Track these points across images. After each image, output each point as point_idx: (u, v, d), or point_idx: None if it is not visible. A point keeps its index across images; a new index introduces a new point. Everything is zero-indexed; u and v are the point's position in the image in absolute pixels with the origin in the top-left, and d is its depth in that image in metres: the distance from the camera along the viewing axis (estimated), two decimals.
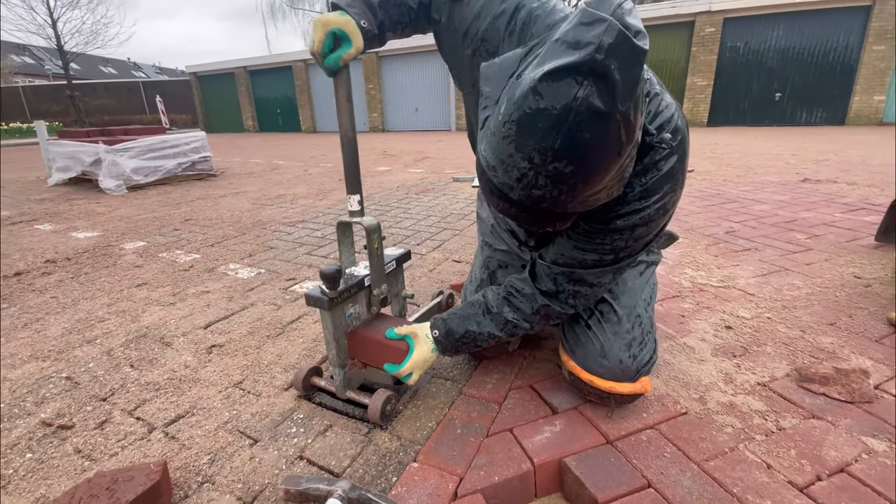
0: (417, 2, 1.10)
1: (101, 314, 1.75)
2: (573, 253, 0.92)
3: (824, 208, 2.91)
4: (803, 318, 1.49)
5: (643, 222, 0.85)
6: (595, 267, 0.92)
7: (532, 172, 0.63)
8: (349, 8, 1.03)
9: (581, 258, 0.92)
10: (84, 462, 1.01)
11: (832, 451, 0.93)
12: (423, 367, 1.08)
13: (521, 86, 0.62)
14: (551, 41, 0.62)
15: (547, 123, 0.59)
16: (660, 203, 0.83)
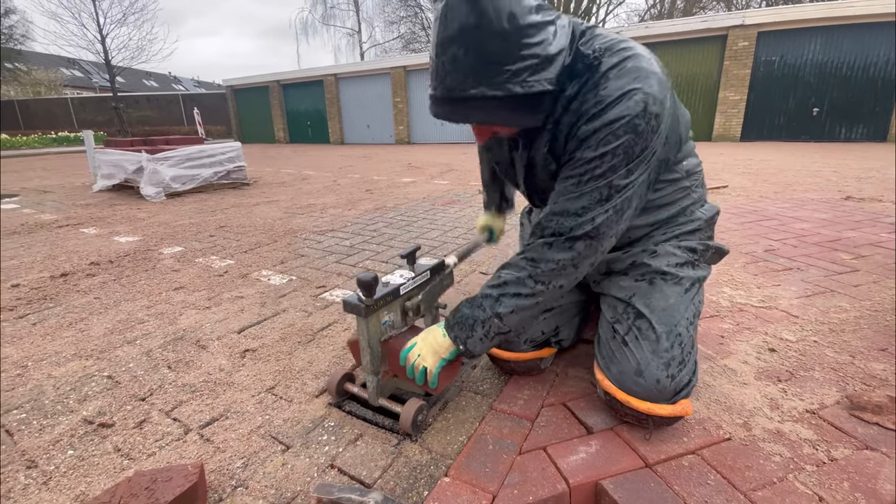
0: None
1: (141, 316, 1.81)
2: (566, 205, 0.94)
3: (869, 227, 2.78)
4: (852, 342, 1.41)
5: (605, 144, 0.86)
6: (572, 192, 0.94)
7: (434, 64, 0.83)
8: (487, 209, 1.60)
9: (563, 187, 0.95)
10: (123, 461, 1.03)
11: (888, 485, 0.87)
12: (435, 352, 1.04)
13: None
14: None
15: (436, 22, 0.81)
16: (614, 124, 0.85)
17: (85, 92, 34.97)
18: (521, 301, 0.99)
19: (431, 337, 1.06)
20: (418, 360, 1.04)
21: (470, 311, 1.02)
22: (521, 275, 0.98)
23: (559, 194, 0.95)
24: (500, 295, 1.00)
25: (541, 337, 1.23)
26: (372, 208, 4.01)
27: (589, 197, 0.90)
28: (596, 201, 0.90)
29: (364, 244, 2.81)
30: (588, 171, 0.88)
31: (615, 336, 1.07)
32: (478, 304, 1.02)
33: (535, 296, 0.98)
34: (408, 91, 15.92)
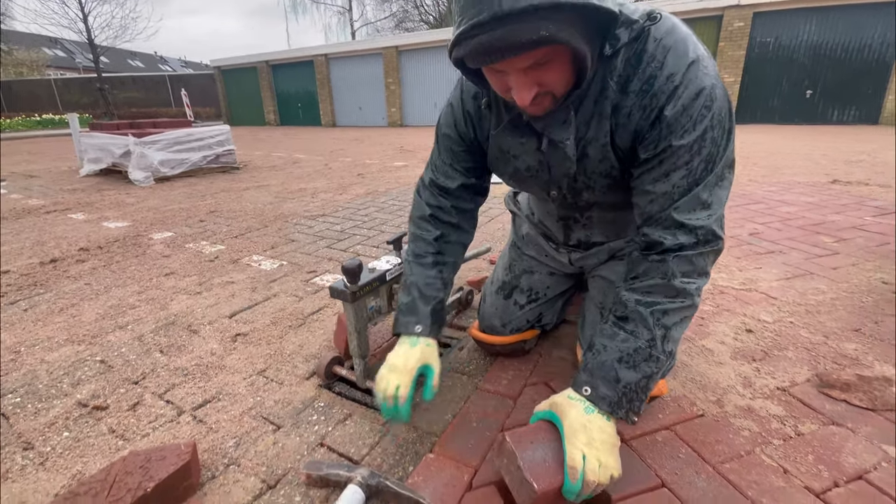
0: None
1: (132, 301, 1.82)
2: (690, 203, 0.78)
3: (854, 211, 2.83)
4: (827, 323, 1.46)
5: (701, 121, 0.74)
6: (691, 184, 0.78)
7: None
8: (410, 327, 0.99)
9: (672, 186, 0.78)
10: (118, 441, 1.06)
11: (851, 458, 0.92)
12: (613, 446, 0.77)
13: None
14: None
15: None
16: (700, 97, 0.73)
17: (68, 72, 34.09)
18: (686, 324, 0.84)
19: (597, 435, 0.76)
20: (602, 474, 0.74)
21: (636, 373, 0.79)
22: (684, 300, 0.80)
23: (664, 195, 0.79)
24: (667, 329, 0.80)
25: (525, 325, 1.27)
26: (363, 193, 4.01)
27: (706, 183, 0.77)
28: (714, 184, 0.78)
29: (355, 229, 2.82)
30: (694, 156, 0.76)
31: (598, 318, 1.10)
32: (645, 358, 0.79)
33: (695, 308, 0.84)
34: (400, 72, 15.69)
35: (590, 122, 0.82)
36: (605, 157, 0.84)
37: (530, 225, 1.26)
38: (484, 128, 0.97)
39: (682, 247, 0.79)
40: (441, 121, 1.04)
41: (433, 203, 1.06)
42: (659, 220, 0.81)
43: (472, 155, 1.03)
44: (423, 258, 1.05)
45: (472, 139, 1.00)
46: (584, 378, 0.81)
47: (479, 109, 0.96)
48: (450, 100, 1.02)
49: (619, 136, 0.81)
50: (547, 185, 0.97)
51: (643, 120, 0.77)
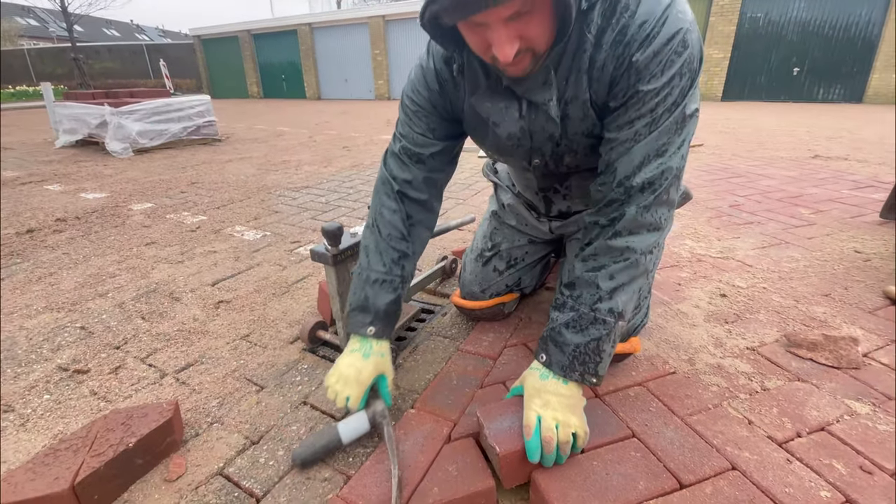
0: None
1: (112, 270, 1.80)
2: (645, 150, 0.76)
3: (832, 185, 2.89)
4: (798, 288, 1.51)
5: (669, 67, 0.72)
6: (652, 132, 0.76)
7: None
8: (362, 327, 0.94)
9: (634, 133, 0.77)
10: (100, 403, 1.06)
11: (814, 412, 0.97)
12: (574, 406, 0.81)
13: None
14: None
15: None
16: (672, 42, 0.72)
17: (42, 42, 32.50)
18: (637, 283, 0.83)
19: (552, 397, 0.80)
20: (562, 432, 0.77)
21: (584, 336, 0.80)
22: (628, 258, 0.80)
23: (625, 143, 0.77)
24: (612, 291, 0.80)
25: (504, 290, 1.29)
26: (349, 165, 3.96)
27: (667, 131, 0.75)
28: (674, 132, 0.76)
29: (340, 201, 2.80)
30: (659, 104, 0.74)
31: None
32: (590, 321, 0.80)
33: (647, 269, 0.84)
34: (387, 43, 15.28)
35: (568, 79, 0.80)
36: (586, 114, 0.82)
37: (511, 195, 1.27)
38: (459, 95, 0.92)
39: (636, 205, 0.78)
40: (409, 87, 0.96)
41: (402, 176, 0.97)
42: (615, 181, 0.80)
43: (445, 121, 0.96)
44: (387, 244, 0.96)
45: (446, 106, 0.94)
46: (541, 346, 0.86)
47: (451, 76, 0.90)
48: (419, 63, 0.94)
49: (594, 90, 0.79)
50: (529, 153, 0.94)
51: (616, 70, 0.75)
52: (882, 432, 0.91)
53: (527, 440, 0.77)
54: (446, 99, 0.93)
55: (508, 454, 0.78)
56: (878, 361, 1.13)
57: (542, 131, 0.88)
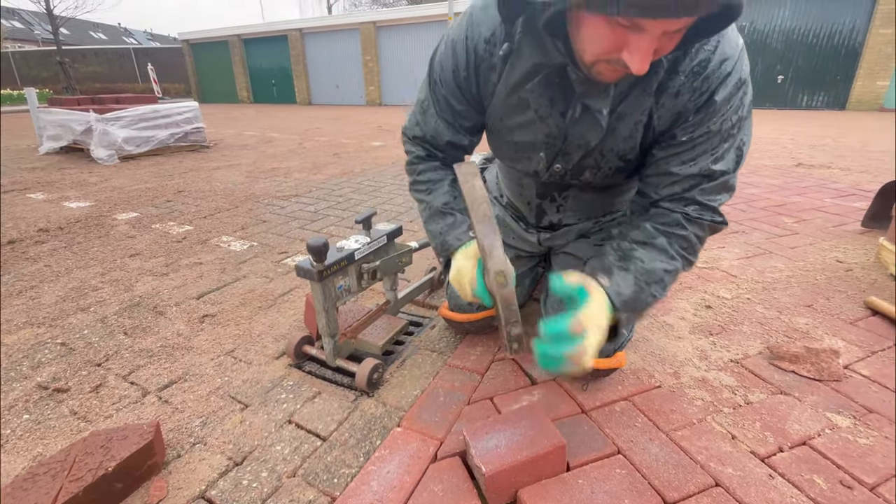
0: None
1: (95, 283, 1.77)
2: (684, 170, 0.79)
3: (815, 193, 2.94)
4: (782, 299, 1.53)
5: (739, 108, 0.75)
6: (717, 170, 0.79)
7: None
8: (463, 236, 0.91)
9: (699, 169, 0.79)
10: (80, 423, 1.04)
11: (796, 425, 0.98)
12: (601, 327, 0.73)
13: None
14: None
15: None
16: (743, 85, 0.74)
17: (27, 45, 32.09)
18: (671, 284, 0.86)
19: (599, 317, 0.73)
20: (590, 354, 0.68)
21: (640, 294, 0.80)
22: (676, 265, 0.83)
23: (690, 179, 0.79)
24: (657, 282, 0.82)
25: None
26: (339, 173, 3.95)
27: (732, 169, 0.80)
28: (735, 170, 0.80)
29: (329, 210, 2.79)
30: (723, 142, 0.77)
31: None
32: (657, 280, 0.82)
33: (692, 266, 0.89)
34: (378, 49, 15.31)
35: (628, 95, 0.77)
36: (632, 135, 0.81)
37: (499, 207, 1.27)
38: (490, 80, 0.84)
39: (701, 192, 0.81)
40: (437, 64, 0.87)
41: (422, 153, 0.99)
42: (683, 199, 0.82)
43: (470, 109, 0.90)
44: (437, 183, 0.97)
45: (474, 92, 0.87)
46: (606, 272, 0.80)
47: (489, 58, 0.81)
48: (451, 37, 0.84)
49: (659, 115, 0.77)
50: (554, 156, 0.90)
51: (691, 102, 0.74)
52: (862, 446, 0.92)
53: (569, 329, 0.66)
54: (477, 84, 0.86)
55: (494, 474, 0.78)
56: (859, 373, 1.15)
57: (580, 137, 0.84)
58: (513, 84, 0.82)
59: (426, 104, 0.92)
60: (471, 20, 0.81)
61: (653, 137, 0.81)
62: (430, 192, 0.97)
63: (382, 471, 0.88)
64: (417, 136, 0.96)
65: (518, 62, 0.79)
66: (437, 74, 0.87)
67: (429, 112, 0.92)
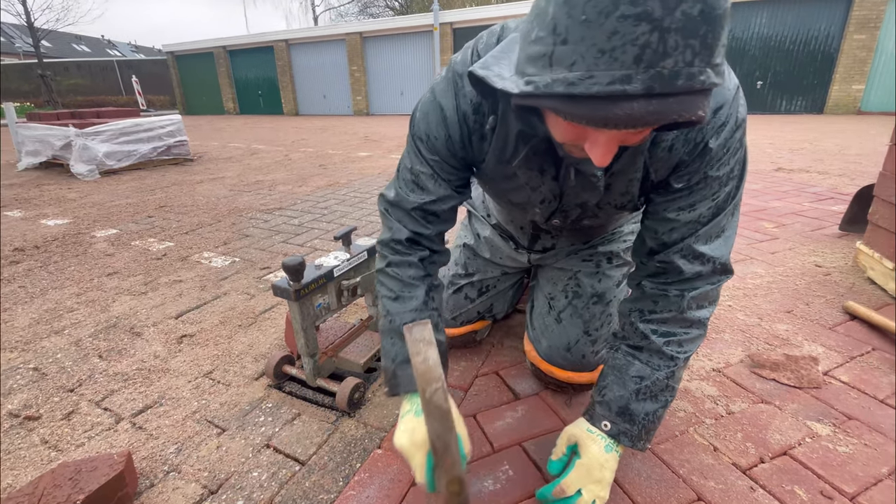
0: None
1: (70, 304, 1.73)
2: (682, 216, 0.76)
3: (794, 197, 2.99)
4: (762, 305, 1.54)
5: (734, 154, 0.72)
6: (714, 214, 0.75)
7: (655, 36, 0.45)
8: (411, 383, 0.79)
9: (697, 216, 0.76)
10: (51, 453, 1.01)
11: (777, 435, 0.98)
12: (597, 476, 0.77)
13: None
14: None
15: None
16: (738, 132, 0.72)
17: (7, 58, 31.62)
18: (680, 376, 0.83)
19: (609, 476, 0.77)
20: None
21: (655, 404, 0.80)
22: (699, 332, 0.81)
23: (688, 224, 0.76)
24: (683, 360, 0.80)
25: (476, 317, 1.28)
26: (324, 185, 3.93)
27: (727, 214, 0.76)
28: (731, 213, 0.77)
29: (314, 223, 2.76)
30: (723, 188, 0.74)
31: (550, 311, 1.10)
32: (662, 388, 0.80)
33: (705, 336, 0.85)
34: (365, 59, 15.36)
35: (619, 156, 0.73)
36: (628, 190, 0.79)
37: (489, 228, 1.22)
38: (483, 148, 0.81)
39: (699, 276, 0.77)
40: (423, 128, 0.81)
41: (413, 228, 0.86)
42: (678, 249, 0.77)
43: (461, 172, 0.85)
44: (409, 290, 0.85)
45: (463, 158, 0.82)
46: (602, 412, 0.80)
47: (479, 129, 0.78)
48: (438, 102, 0.78)
49: (654, 169, 0.75)
50: (551, 213, 0.90)
51: (686, 154, 0.72)
52: (842, 454, 0.93)
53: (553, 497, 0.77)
54: (468, 151, 0.82)
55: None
56: (839, 380, 1.16)
57: (577, 197, 0.83)
58: (501, 156, 0.79)
59: (419, 171, 0.84)
60: (457, 87, 0.76)
61: (651, 187, 0.78)
62: (396, 298, 0.85)
63: (362, 495, 0.86)
64: (417, 206, 0.84)
65: (504, 134, 0.77)
66: (425, 141, 0.82)
67: (423, 179, 0.84)
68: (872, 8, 9.66)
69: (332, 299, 1.21)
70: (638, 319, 0.82)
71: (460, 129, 0.78)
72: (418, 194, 0.84)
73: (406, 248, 0.86)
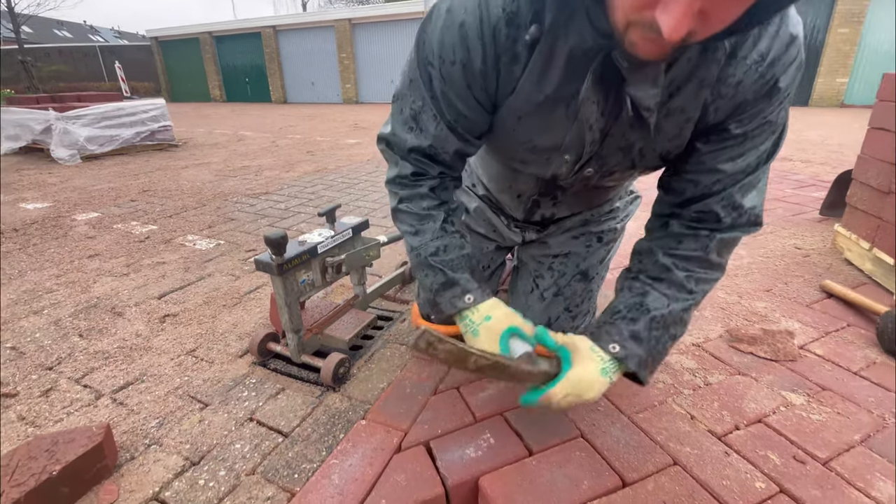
0: None
1: (50, 285, 1.70)
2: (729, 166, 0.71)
3: (777, 184, 3.03)
4: (743, 285, 1.57)
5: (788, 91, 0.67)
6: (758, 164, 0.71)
7: None
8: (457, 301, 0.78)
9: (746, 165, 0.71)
10: (28, 428, 1.00)
11: (752, 404, 1.01)
12: (581, 393, 0.72)
13: None
14: None
15: None
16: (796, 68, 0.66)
17: None
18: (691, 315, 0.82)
19: (590, 395, 0.73)
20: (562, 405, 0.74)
21: (667, 335, 0.78)
22: (717, 275, 0.80)
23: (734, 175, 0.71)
24: (699, 297, 0.80)
25: None
26: (312, 170, 3.89)
27: (767, 166, 0.72)
28: (769, 166, 0.73)
29: (300, 207, 2.74)
30: (771, 134, 0.69)
31: (534, 290, 1.11)
32: (676, 321, 0.78)
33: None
34: (354, 46, 15.15)
35: (681, 87, 0.64)
36: (681, 133, 0.70)
37: (476, 199, 1.14)
38: (513, 75, 0.66)
39: (734, 225, 0.74)
40: (434, 53, 0.66)
41: (409, 170, 0.79)
42: (719, 199, 0.73)
43: (480, 113, 0.72)
44: (425, 221, 0.81)
45: (490, 91, 0.69)
46: (612, 334, 0.75)
47: (512, 45, 0.63)
48: (456, 17, 0.63)
49: (715, 108, 0.67)
50: (585, 159, 0.76)
51: (752, 91, 0.64)
52: (815, 422, 0.95)
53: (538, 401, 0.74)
54: (493, 76, 0.67)
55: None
56: (814, 353, 1.19)
57: (621, 139, 0.72)
58: (542, 78, 0.66)
59: (419, 106, 0.72)
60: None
61: (704, 131, 0.70)
62: (416, 232, 0.81)
63: (345, 464, 0.86)
64: (413, 148, 0.75)
65: (548, 50, 0.63)
66: (438, 67, 0.67)
67: (424, 116, 0.72)
68: (856, 2, 9.76)
69: (317, 276, 1.20)
70: (661, 253, 0.79)
71: (483, 50, 0.64)
72: (416, 135, 0.73)
73: (413, 180, 0.80)
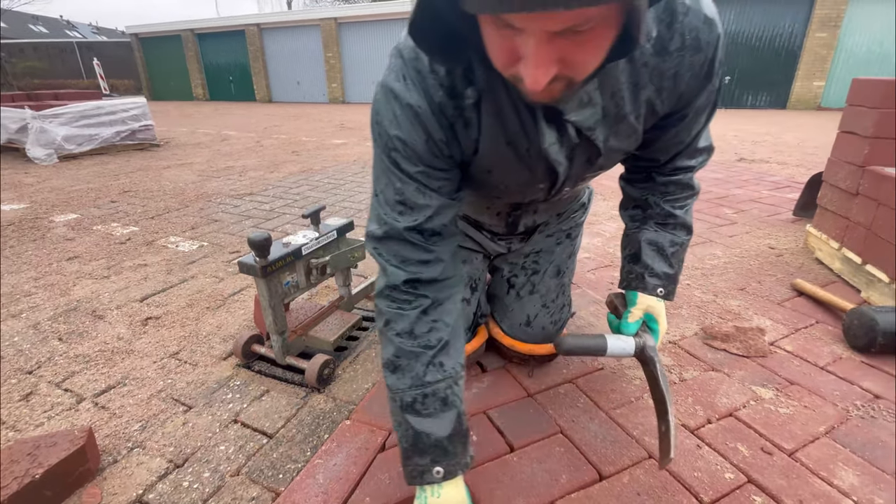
0: None
1: (28, 288, 1.67)
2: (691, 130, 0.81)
3: (753, 186, 3.12)
4: (718, 284, 1.62)
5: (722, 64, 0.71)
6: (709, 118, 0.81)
7: None
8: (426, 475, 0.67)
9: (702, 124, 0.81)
10: (8, 433, 0.99)
11: (724, 399, 1.05)
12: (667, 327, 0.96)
13: None
14: None
15: None
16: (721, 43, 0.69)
17: None
18: None
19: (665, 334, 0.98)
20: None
21: (680, 263, 0.95)
22: (694, 193, 0.94)
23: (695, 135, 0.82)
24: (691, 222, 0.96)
25: (473, 322, 1.16)
26: (297, 171, 3.87)
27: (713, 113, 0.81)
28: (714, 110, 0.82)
29: (285, 208, 2.73)
30: (715, 93, 0.75)
31: (510, 291, 1.13)
32: (685, 249, 0.96)
33: None
34: (340, 46, 15.06)
35: (615, 96, 0.67)
36: (635, 132, 0.74)
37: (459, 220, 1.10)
38: (470, 135, 0.69)
39: (701, 162, 0.90)
40: (394, 136, 0.66)
41: (414, 260, 0.71)
42: (686, 153, 0.87)
43: (451, 173, 0.72)
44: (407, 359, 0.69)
45: (450, 157, 0.70)
46: (656, 283, 0.92)
47: (461, 112, 0.66)
48: (402, 101, 0.64)
49: (662, 100, 0.71)
50: (560, 183, 0.81)
51: (693, 78, 0.69)
52: (783, 415, 1.00)
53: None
54: (451, 143, 0.69)
55: None
56: (783, 349, 1.24)
57: (583, 155, 0.75)
58: (499, 128, 0.68)
59: (399, 188, 0.69)
60: (418, 74, 0.64)
61: (655, 123, 0.76)
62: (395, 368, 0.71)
63: (329, 463, 0.88)
64: (409, 227, 0.70)
65: (493, 101, 0.66)
66: (401, 150, 0.67)
67: (410, 196, 0.69)
68: (833, 7, 10.04)
69: (301, 278, 1.21)
70: (661, 201, 0.93)
71: (438, 123, 0.66)
72: (409, 216, 0.70)
73: (404, 295, 0.71)
